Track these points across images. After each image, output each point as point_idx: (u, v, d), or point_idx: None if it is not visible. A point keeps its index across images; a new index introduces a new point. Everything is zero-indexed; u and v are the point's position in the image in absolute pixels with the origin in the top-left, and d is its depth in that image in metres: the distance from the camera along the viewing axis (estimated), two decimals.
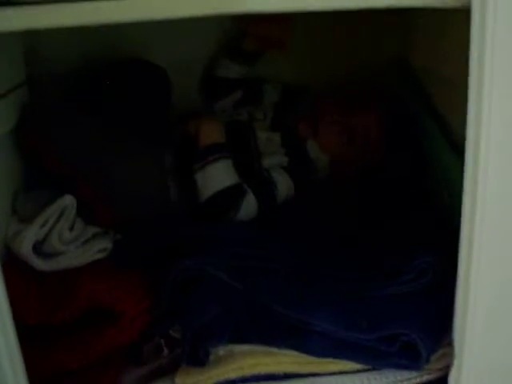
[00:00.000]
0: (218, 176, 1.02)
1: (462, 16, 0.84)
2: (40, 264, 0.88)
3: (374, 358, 0.76)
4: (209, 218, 1.01)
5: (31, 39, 1.13)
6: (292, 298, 0.80)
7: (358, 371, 0.79)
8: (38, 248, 0.90)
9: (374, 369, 0.78)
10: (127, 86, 1.05)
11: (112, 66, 1.10)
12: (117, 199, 0.97)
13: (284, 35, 1.20)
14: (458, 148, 0.94)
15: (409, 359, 0.74)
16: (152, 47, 1.22)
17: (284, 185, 1.08)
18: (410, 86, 1.17)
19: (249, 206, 1.02)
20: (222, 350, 0.81)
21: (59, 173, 0.95)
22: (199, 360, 0.78)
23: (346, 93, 1.21)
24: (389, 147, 1.15)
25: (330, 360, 0.78)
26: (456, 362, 0.75)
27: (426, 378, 0.78)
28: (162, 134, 1.07)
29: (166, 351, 0.86)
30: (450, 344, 0.75)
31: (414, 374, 0.77)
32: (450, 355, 0.76)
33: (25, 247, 0.87)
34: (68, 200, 0.92)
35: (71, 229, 0.93)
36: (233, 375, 0.79)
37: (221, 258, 0.83)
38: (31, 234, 0.88)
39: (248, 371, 0.79)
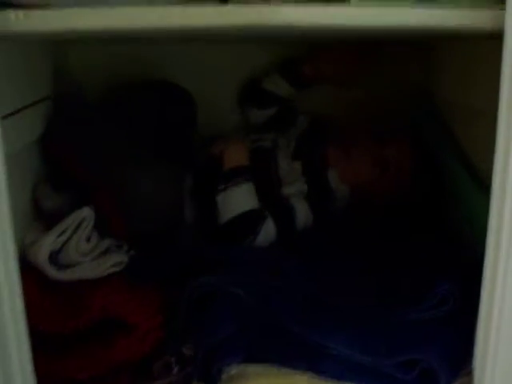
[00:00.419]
0: (239, 199, 1.02)
1: (490, 46, 0.85)
2: (55, 273, 0.88)
3: None
4: (226, 240, 1.00)
5: (60, 57, 1.16)
6: (308, 319, 0.79)
7: None
8: (53, 258, 0.90)
9: None
10: (154, 105, 1.07)
11: (139, 85, 1.12)
12: (132, 213, 0.97)
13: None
14: (479, 182, 0.95)
15: None
16: (179, 70, 1.25)
17: (303, 213, 1.08)
18: (434, 120, 1.18)
19: (268, 231, 1.02)
20: (234, 370, 0.79)
21: (80, 181, 0.95)
22: (211, 378, 0.76)
23: (371, 124, 1.22)
24: (414, 179, 1.16)
25: None
26: None
27: None
28: (185, 154, 1.08)
29: (176, 369, 0.85)
30: (470, 373, 0.74)
31: None
32: None
33: (41, 256, 0.87)
34: (86, 212, 0.93)
35: (88, 240, 0.93)
36: None
37: (237, 277, 0.83)
38: (48, 242, 0.88)
39: None
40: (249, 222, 1.01)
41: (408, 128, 1.23)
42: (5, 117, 0.82)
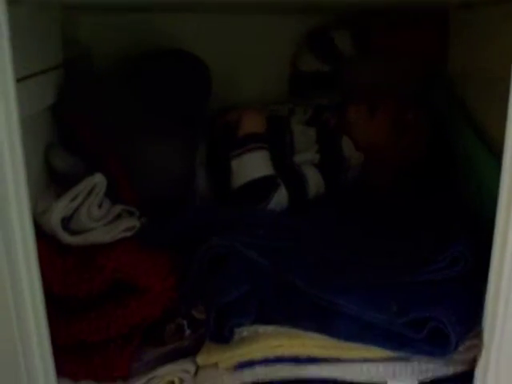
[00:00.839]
0: (254, 165, 1.03)
1: (504, 10, 0.84)
2: (67, 238, 0.88)
3: (402, 344, 0.75)
4: (239, 205, 1.01)
5: (71, 26, 1.15)
6: (320, 279, 0.79)
7: (384, 359, 0.78)
8: (65, 224, 0.90)
9: (399, 358, 0.77)
10: (167, 72, 1.07)
11: (153, 54, 1.11)
12: (143, 180, 0.97)
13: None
14: (490, 148, 0.95)
15: (437, 346, 0.73)
16: (194, 40, 1.24)
17: (315, 180, 1.08)
18: (447, 88, 1.19)
19: (280, 198, 1.02)
20: (245, 331, 0.80)
21: (92, 149, 0.96)
22: (223, 337, 0.77)
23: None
24: (428, 146, 1.17)
25: (356, 346, 0.77)
26: (484, 353, 0.74)
27: (452, 369, 0.77)
28: (198, 123, 1.08)
29: (188, 332, 0.86)
30: (479, 334, 0.74)
31: (439, 365, 0.76)
32: (477, 347, 0.75)
33: (53, 221, 0.87)
34: (98, 178, 0.93)
35: (100, 206, 0.93)
36: (256, 356, 0.79)
37: (250, 238, 0.83)
38: (60, 207, 0.88)
39: (271, 352, 0.78)
40: (262, 188, 1.02)
41: (423, 96, 1.23)
42: (17, 81, 0.82)
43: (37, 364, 0.73)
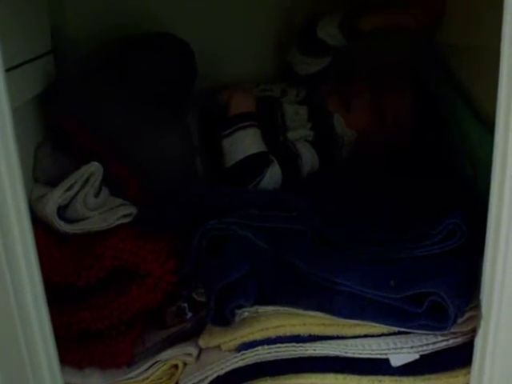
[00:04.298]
0: (245, 143, 1.03)
1: None
2: (64, 226, 0.88)
3: (401, 319, 0.76)
4: (233, 183, 1.01)
5: (57, 12, 1.14)
6: (318, 258, 0.80)
7: (384, 335, 0.78)
8: (61, 213, 0.90)
9: (399, 332, 0.78)
10: (152, 58, 1.05)
11: (137, 38, 1.10)
12: (145, 171, 0.96)
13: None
14: (483, 122, 0.95)
15: (436, 320, 0.74)
16: (180, 21, 1.22)
17: (309, 157, 1.09)
18: (435, 63, 1.18)
19: (273, 174, 1.03)
20: (246, 312, 0.81)
21: (87, 147, 0.94)
22: (225, 319, 0.77)
23: (370, 75, 1.22)
24: (416, 124, 1.16)
25: (356, 322, 0.78)
26: (483, 324, 0.74)
27: (452, 341, 0.77)
28: (186, 104, 1.07)
29: (189, 315, 0.87)
30: (477, 306, 0.75)
31: (439, 337, 0.77)
32: (476, 318, 0.76)
33: (49, 209, 0.87)
34: (94, 167, 0.92)
35: (97, 196, 0.93)
36: (258, 336, 0.80)
37: (247, 219, 0.83)
38: (56, 195, 0.88)
39: (273, 332, 0.79)
40: (254, 164, 1.02)
41: (409, 73, 1.23)
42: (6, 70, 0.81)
43: (40, 353, 0.73)
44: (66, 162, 0.96)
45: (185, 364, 0.85)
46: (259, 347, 0.80)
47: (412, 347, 0.77)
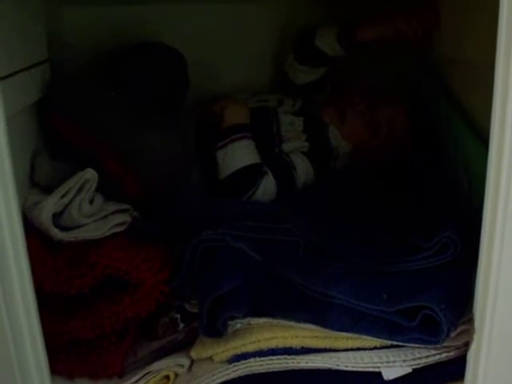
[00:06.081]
0: (239, 155, 1.03)
1: None
2: (58, 233, 0.87)
3: (394, 332, 0.75)
4: (227, 195, 1.01)
5: (54, 20, 1.14)
6: (311, 271, 0.80)
7: (376, 348, 0.78)
8: (56, 220, 0.90)
9: (392, 346, 0.78)
10: (145, 67, 1.05)
11: (131, 47, 1.10)
12: (142, 171, 0.95)
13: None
14: (478, 135, 0.95)
15: (429, 334, 0.74)
16: (174, 32, 1.23)
17: (303, 169, 1.09)
18: (432, 75, 1.19)
19: (268, 186, 1.03)
20: (239, 324, 0.80)
21: (84, 149, 0.94)
22: (217, 331, 0.77)
23: (370, 84, 1.23)
24: (412, 138, 1.17)
25: (349, 335, 0.78)
26: (476, 338, 0.74)
27: (445, 355, 0.77)
28: (179, 113, 1.07)
29: (181, 326, 0.86)
30: (470, 320, 0.75)
31: (432, 351, 0.77)
32: (469, 332, 0.75)
33: (44, 216, 0.86)
34: (89, 173, 0.92)
35: (91, 202, 0.93)
36: (250, 348, 0.79)
37: (241, 230, 0.83)
38: (51, 203, 0.88)
39: (265, 344, 0.79)
40: (248, 176, 1.03)
41: (405, 85, 1.24)
42: (1, 79, 0.81)
43: (30, 363, 0.72)
44: (65, 168, 0.96)
45: (176, 375, 0.84)
46: (251, 359, 0.79)
47: (404, 361, 0.77)
